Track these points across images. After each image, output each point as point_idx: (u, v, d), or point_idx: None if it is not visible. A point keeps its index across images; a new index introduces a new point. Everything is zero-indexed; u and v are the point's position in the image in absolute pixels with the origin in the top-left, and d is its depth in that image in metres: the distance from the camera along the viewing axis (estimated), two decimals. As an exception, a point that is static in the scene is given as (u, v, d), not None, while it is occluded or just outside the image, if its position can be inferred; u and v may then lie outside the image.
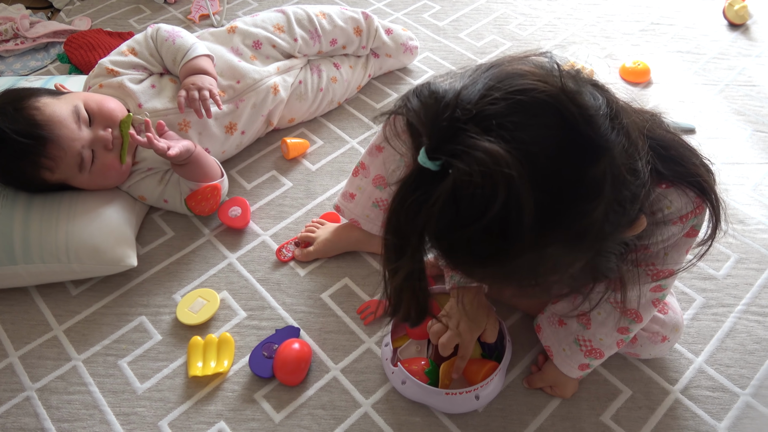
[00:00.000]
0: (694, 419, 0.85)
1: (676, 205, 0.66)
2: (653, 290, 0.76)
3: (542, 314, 0.88)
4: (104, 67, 1.09)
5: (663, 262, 0.72)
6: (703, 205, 0.67)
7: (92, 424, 0.87)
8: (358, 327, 0.96)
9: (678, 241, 0.71)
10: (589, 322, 0.80)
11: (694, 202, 0.66)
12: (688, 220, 0.68)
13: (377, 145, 1.02)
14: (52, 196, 1.01)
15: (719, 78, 1.39)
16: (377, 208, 1.00)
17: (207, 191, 1.06)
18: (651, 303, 0.77)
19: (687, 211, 0.67)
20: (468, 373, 0.87)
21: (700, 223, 0.70)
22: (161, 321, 0.98)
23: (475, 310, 0.85)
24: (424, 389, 0.84)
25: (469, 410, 0.85)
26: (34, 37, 1.52)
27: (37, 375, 0.92)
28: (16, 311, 1.00)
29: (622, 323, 0.78)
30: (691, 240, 0.71)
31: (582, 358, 0.82)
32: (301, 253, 1.05)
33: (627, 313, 0.77)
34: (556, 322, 0.85)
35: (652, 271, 0.73)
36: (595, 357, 0.82)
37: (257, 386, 0.90)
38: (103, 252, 0.98)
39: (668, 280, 0.75)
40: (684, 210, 0.67)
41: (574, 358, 0.83)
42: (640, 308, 0.77)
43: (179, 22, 1.62)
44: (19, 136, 0.92)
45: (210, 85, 1.07)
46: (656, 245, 0.70)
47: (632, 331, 0.80)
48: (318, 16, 1.26)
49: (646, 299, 0.76)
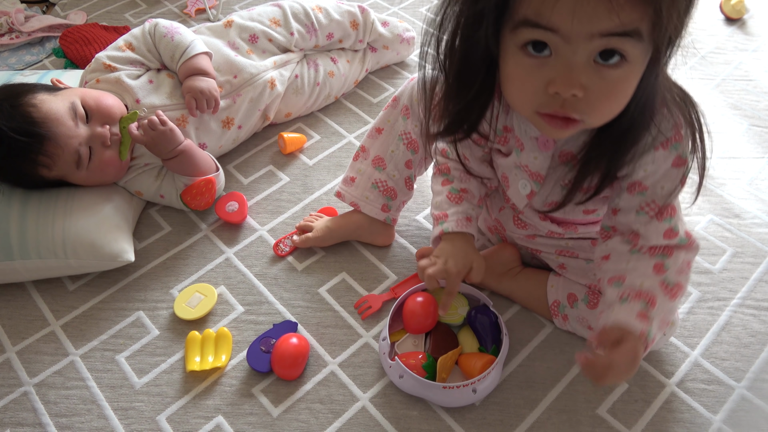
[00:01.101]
0: (689, 412, 0.85)
1: (662, 129, 0.67)
2: (666, 236, 0.73)
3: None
4: (101, 62, 1.08)
5: (662, 198, 0.72)
6: (681, 133, 0.68)
7: (90, 418, 0.87)
8: (355, 321, 0.96)
9: (669, 172, 0.71)
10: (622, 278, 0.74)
11: (674, 127, 0.68)
12: (670, 145, 0.69)
13: (377, 127, 1.03)
14: (48, 192, 1.01)
15: (716, 72, 1.39)
16: (376, 189, 1.01)
17: (201, 185, 1.06)
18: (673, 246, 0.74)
19: (670, 135, 0.68)
20: (465, 366, 0.87)
21: (686, 152, 0.70)
22: (159, 316, 0.98)
23: (463, 249, 0.85)
24: (422, 383, 0.84)
25: (466, 404, 0.85)
26: (29, 32, 1.51)
27: (34, 370, 0.92)
28: (13, 306, 1.00)
29: (655, 261, 0.73)
30: (680, 170, 0.70)
31: (635, 304, 0.71)
32: (299, 239, 1.05)
33: (655, 250, 0.73)
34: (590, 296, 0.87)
35: (653, 210, 0.72)
36: (648, 302, 0.70)
37: (255, 381, 0.90)
38: (100, 247, 0.98)
39: (674, 219, 0.73)
40: (668, 134, 0.68)
41: (626, 307, 0.71)
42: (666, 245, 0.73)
43: (175, 16, 1.61)
44: (17, 134, 0.92)
45: (212, 91, 1.09)
46: (648, 178, 0.71)
47: (668, 268, 0.72)
48: (314, 9, 1.26)
49: (665, 243, 0.73)
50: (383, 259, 1.05)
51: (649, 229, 0.74)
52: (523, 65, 0.61)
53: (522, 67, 0.61)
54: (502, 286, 0.97)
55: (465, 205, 0.89)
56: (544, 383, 0.88)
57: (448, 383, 0.84)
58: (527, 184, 0.81)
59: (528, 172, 0.80)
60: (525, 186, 0.82)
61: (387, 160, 1.01)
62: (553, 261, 0.94)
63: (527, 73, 0.61)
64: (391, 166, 1.01)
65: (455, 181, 0.91)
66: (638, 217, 0.74)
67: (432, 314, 0.91)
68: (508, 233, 0.97)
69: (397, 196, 1.02)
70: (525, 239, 0.95)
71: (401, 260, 1.04)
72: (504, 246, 0.98)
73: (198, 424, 0.86)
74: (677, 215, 0.74)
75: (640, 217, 0.74)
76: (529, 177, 0.81)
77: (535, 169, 0.79)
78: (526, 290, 0.95)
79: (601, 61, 0.58)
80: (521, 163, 0.80)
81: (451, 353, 0.86)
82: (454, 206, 0.89)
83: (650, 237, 0.74)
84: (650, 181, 0.72)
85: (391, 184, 1.01)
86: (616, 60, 0.58)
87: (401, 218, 1.10)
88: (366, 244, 1.07)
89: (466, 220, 0.87)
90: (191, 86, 1.08)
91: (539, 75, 0.60)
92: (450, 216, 0.88)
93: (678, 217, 0.74)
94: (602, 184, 0.71)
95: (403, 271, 1.03)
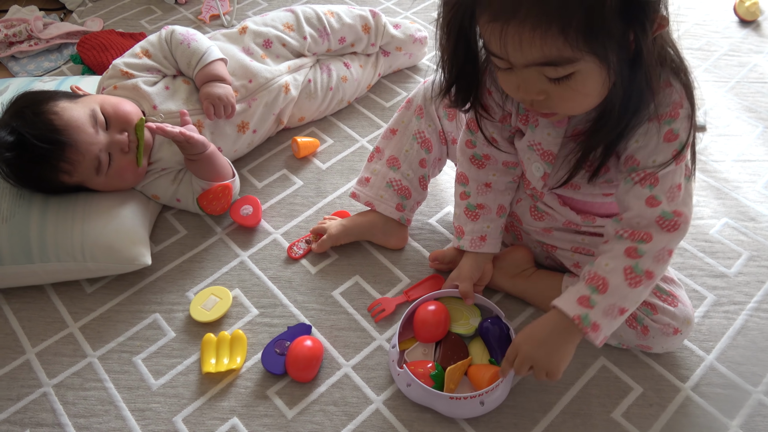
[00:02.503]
0: (705, 416, 0.85)
1: (659, 104, 0.69)
2: (649, 204, 0.73)
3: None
4: (118, 69, 1.10)
5: (652, 168, 0.72)
6: (678, 111, 0.70)
7: (108, 419, 0.88)
8: (368, 324, 0.97)
9: (659, 146, 0.71)
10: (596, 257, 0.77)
11: (672, 105, 0.69)
12: (663, 120, 0.70)
13: (391, 128, 1.05)
14: (67, 196, 1.03)
15: (730, 75, 1.38)
16: (391, 188, 1.02)
17: (218, 191, 1.07)
18: (656, 222, 0.73)
19: (663, 112, 0.70)
20: (474, 378, 0.86)
21: (678, 128, 0.70)
22: (175, 318, 1.00)
23: (478, 256, 0.94)
24: (429, 392, 0.84)
25: (473, 416, 0.85)
26: (47, 38, 1.54)
27: (53, 371, 0.94)
28: (33, 308, 1.02)
29: (630, 244, 0.73)
30: (671, 145, 0.71)
31: (583, 287, 0.74)
32: (316, 245, 1.06)
33: (634, 235, 0.73)
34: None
35: (639, 176, 0.73)
36: (597, 287, 0.73)
37: (270, 383, 0.91)
38: (117, 251, 0.99)
39: (657, 189, 0.72)
40: (660, 110, 0.69)
41: (573, 290, 0.75)
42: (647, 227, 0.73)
43: (190, 22, 1.63)
44: (39, 141, 0.94)
45: (228, 97, 1.11)
46: (639, 151, 0.72)
47: (642, 254, 0.72)
48: (326, 14, 1.27)
49: (648, 218, 0.73)
50: (396, 262, 1.05)
51: (629, 196, 0.74)
52: (499, 70, 0.69)
53: (498, 70, 0.69)
54: (516, 287, 0.97)
55: (480, 222, 0.94)
56: (557, 386, 0.88)
57: (456, 394, 0.83)
58: (540, 167, 0.83)
59: (540, 152, 0.82)
60: (538, 168, 0.84)
61: (401, 160, 1.02)
62: (568, 259, 0.94)
63: (503, 77, 0.70)
64: (406, 165, 1.02)
65: (472, 196, 0.94)
66: (624, 186, 0.75)
67: (443, 323, 0.91)
68: (525, 226, 0.97)
69: (412, 196, 1.03)
70: (541, 233, 0.95)
71: (414, 263, 1.05)
72: (517, 247, 0.99)
73: (213, 426, 0.87)
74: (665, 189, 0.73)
75: (627, 185, 0.74)
76: (540, 158, 0.82)
77: (548, 147, 0.80)
78: (540, 291, 0.95)
79: (550, 76, 0.64)
80: (534, 141, 0.82)
81: (460, 364, 0.86)
82: (470, 223, 0.95)
83: (631, 204, 0.74)
84: (641, 154, 0.72)
85: (406, 184, 1.02)
86: (564, 76, 0.63)
87: (414, 221, 1.10)
88: (379, 247, 1.07)
89: (480, 240, 0.94)
90: (209, 93, 1.09)
91: (510, 79, 0.68)
92: (466, 234, 0.94)
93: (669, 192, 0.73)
94: (604, 157, 0.73)
95: (416, 274, 1.03)
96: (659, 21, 0.62)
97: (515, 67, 0.65)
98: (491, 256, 0.96)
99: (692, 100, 0.71)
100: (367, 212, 1.05)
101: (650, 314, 0.85)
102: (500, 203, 0.94)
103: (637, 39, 0.61)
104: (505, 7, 0.59)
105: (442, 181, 1.18)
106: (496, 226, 0.95)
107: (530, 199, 0.94)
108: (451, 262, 1.00)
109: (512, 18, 0.59)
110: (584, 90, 0.65)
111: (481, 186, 0.93)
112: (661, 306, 0.85)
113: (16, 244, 0.98)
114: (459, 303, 0.95)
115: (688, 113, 0.70)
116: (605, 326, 0.73)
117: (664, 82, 0.69)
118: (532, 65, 0.63)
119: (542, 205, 0.93)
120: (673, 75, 0.70)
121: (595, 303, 0.73)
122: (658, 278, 0.74)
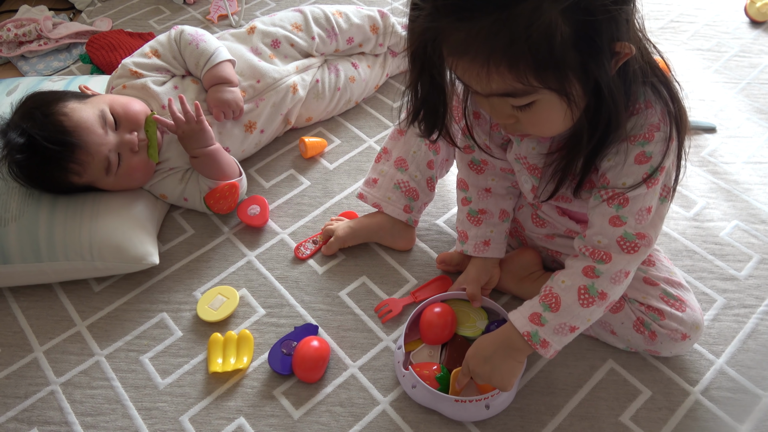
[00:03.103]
0: (714, 421, 0.84)
1: (630, 125, 0.69)
2: (612, 223, 0.73)
3: None
4: (128, 68, 1.10)
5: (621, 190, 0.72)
6: (654, 133, 0.69)
7: (115, 418, 0.88)
8: (375, 325, 0.97)
9: (630, 167, 0.71)
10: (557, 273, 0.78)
11: (648, 127, 0.69)
12: (637, 141, 0.69)
13: (399, 129, 1.04)
14: (76, 196, 1.03)
15: (740, 76, 1.37)
16: (398, 189, 1.02)
17: (225, 189, 1.08)
18: (616, 242, 0.73)
19: (637, 133, 0.69)
20: None
21: (651, 151, 0.70)
22: (182, 318, 1.00)
23: (485, 261, 0.94)
24: (434, 395, 0.83)
25: (478, 419, 0.84)
26: (56, 38, 1.54)
27: (61, 369, 0.94)
28: (41, 307, 1.02)
29: (589, 263, 0.75)
30: (642, 167, 0.70)
31: (537, 304, 0.77)
32: (325, 248, 1.06)
33: (594, 254, 0.75)
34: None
35: (608, 194, 0.73)
36: (550, 305, 0.75)
37: (276, 383, 0.91)
38: (125, 250, 1.00)
39: (625, 210, 0.72)
40: (635, 131, 0.69)
41: (527, 305, 0.78)
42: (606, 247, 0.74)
43: (198, 22, 1.64)
44: (49, 142, 0.94)
45: (237, 101, 1.11)
46: (610, 170, 0.72)
47: (599, 274, 0.74)
48: (335, 14, 1.27)
49: (609, 238, 0.74)
50: (403, 263, 1.05)
51: (595, 212, 0.75)
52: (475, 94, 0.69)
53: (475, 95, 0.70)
54: (523, 290, 0.96)
55: (484, 227, 0.94)
56: (565, 389, 0.88)
57: (461, 397, 0.83)
58: (528, 179, 0.84)
59: (527, 166, 0.82)
60: (527, 181, 0.85)
61: (409, 161, 1.02)
62: None
63: (477, 99, 0.71)
64: (413, 166, 1.02)
65: (473, 201, 0.94)
66: (593, 201, 0.75)
67: (449, 325, 0.90)
68: (527, 233, 0.97)
69: (419, 197, 1.03)
70: (544, 239, 0.95)
71: (421, 264, 1.05)
72: (525, 249, 0.98)
73: (220, 425, 0.87)
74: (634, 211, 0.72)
75: (595, 201, 0.75)
76: (528, 172, 0.83)
77: (533, 161, 0.80)
78: None
79: (513, 104, 0.64)
80: (520, 155, 0.82)
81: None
82: (474, 228, 0.95)
83: (595, 221, 0.75)
84: (612, 173, 0.72)
85: (413, 185, 1.02)
86: (526, 102, 0.63)
87: (421, 222, 1.10)
88: (386, 248, 1.07)
89: (483, 245, 0.94)
90: (218, 99, 1.10)
91: (483, 103, 0.69)
92: (470, 239, 0.95)
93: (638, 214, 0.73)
94: (584, 172, 0.72)
95: (423, 275, 1.03)
96: (623, 50, 0.61)
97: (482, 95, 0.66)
98: (497, 261, 0.96)
99: (680, 121, 0.70)
100: (374, 214, 1.05)
101: (657, 320, 0.84)
102: (502, 208, 0.94)
103: (593, 71, 0.60)
104: (457, 44, 0.60)
105: (449, 182, 1.18)
106: (500, 231, 0.94)
107: (531, 207, 0.94)
108: (458, 265, 1.00)
109: (464, 54, 0.60)
110: (549, 117, 0.65)
111: (482, 191, 0.94)
112: (669, 311, 0.84)
113: (25, 243, 0.99)
114: (466, 305, 0.94)
115: (666, 136, 0.69)
116: (555, 343, 0.76)
117: (645, 103, 0.69)
118: (493, 95, 0.64)
119: (542, 213, 0.93)
120: (656, 96, 0.69)
121: (546, 321, 0.76)
122: (611, 299, 0.76)
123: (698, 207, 1.11)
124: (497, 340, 0.80)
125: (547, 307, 0.76)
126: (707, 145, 1.22)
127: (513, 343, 0.78)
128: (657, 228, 0.76)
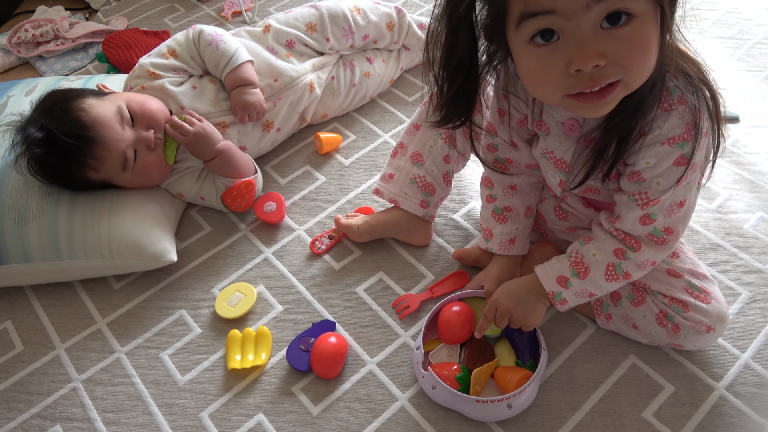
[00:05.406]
0: (740, 417, 0.82)
1: (668, 126, 0.67)
2: (642, 222, 0.75)
3: None
4: (145, 69, 1.10)
5: (655, 193, 0.73)
6: (692, 132, 0.67)
7: (136, 414, 0.89)
8: (393, 321, 0.96)
9: (668, 170, 0.70)
10: (589, 239, 0.81)
11: (685, 126, 0.67)
12: (675, 143, 0.68)
13: (414, 124, 1.04)
14: (94, 195, 1.04)
15: (764, 64, 1.34)
16: (415, 185, 1.01)
17: (242, 187, 1.08)
18: (645, 236, 0.76)
19: (675, 134, 0.68)
20: (501, 380, 0.84)
21: (691, 152, 0.69)
22: (200, 314, 1.00)
23: (508, 261, 0.95)
24: (455, 395, 0.82)
25: (500, 419, 0.83)
26: (73, 38, 1.56)
27: (82, 366, 0.95)
28: (62, 305, 1.04)
29: (621, 246, 0.78)
30: (680, 170, 0.70)
31: (566, 268, 0.81)
32: (343, 220, 1.04)
33: (626, 240, 0.77)
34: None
35: (643, 200, 0.74)
36: (579, 273, 0.80)
37: (295, 379, 0.91)
38: (144, 248, 1.00)
39: (656, 208, 0.74)
40: (673, 132, 0.68)
41: (556, 267, 0.82)
42: (638, 237, 0.77)
43: (212, 19, 1.64)
44: (67, 137, 0.95)
45: (261, 104, 1.12)
46: (647, 171, 0.71)
47: (628, 259, 0.78)
48: (352, 11, 1.26)
49: (639, 233, 0.76)
50: (420, 259, 1.04)
51: (628, 214, 0.76)
52: (536, 57, 0.62)
53: (535, 59, 0.62)
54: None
55: (509, 225, 0.93)
56: (586, 385, 0.87)
57: (482, 397, 0.82)
58: (555, 174, 0.83)
59: (553, 161, 0.81)
60: (554, 176, 0.83)
61: (425, 156, 1.01)
62: None
63: (542, 63, 0.62)
64: (429, 161, 1.01)
65: (498, 199, 0.93)
66: (628, 202, 0.75)
67: (468, 324, 0.89)
68: (549, 226, 0.96)
69: (436, 192, 1.02)
70: (566, 232, 0.94)
71: (438, 259, 1.04)
72: (544, 243, 0.97)
73: (239, 422, 0.87)
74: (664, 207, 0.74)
75: (629, 202, 0.75)
76: (554, 166, 0.81)
77: (560, 155, 0.79)
78: None
79: (608, 25, 0.58)
80: (547, 149, 0.80)
81: (486, 366, 0.84)
82: (499, 226, 0.94)
83: (626, 220, 0.76)
84: (648, 174, 0.72)
85: (430, 180, 1.01)
86: (624, 19, 0.58)
87: (438, 217, 1.09)
88: (403, 243, 1.06)
89: (509, 243, 0.94)
90: (243, 101, 1.10)
91: (555, 60, 0.60)
92: (495, 236, 0.94)
93: (667, 209, 0.74)
94: (614, 162, 0.71)
95: (440, 271, 1.02)
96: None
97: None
98: (520, 259, 0.95)
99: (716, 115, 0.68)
100: (390, 209, 1.05)
101: (681, 312, 0.83)
102: (527, 204, 0.93)
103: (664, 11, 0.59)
104: None
105: (466, 176, 1.17)
106: (525, 228, 0.94)
107: (554, 199, 0.93)
108: (475, 261, 0.99)
109: None
110: (645, 42, 0.59)
111: (507, 189, 0.93)
112: (693, 303, 0.83)
113: (45, 241, 1.00)
114: (484, 304, 0.93)
115: (701, 132, 0.68)
116: (572, 302, 0.83)
117: (679, 98, 0.67)
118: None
119: (566, 205, 0.91)
120: (691, 89, 0.67)
121: (571, 285, 0.81)
122: (632, 279, 0.80)
123: (721, 199, 1.09)
124: (528, 286, 0.84)
125: (575, 273, 0.81)
126: (730, 135, 1.19)
127: (540, 292, 0.84)
128: (687, 220, 0.77)
